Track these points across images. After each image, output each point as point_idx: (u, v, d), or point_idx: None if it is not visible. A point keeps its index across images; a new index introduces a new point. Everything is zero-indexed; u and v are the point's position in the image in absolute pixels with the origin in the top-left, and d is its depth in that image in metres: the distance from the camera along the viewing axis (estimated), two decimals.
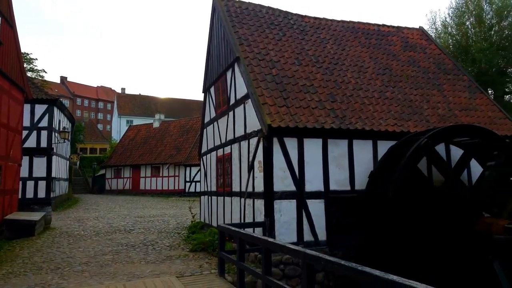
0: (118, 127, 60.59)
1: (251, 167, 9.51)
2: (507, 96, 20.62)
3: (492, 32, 20.39)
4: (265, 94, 9.34)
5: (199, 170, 16.80)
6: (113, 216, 18.49)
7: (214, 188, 12.93)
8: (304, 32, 12.26)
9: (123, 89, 79.45)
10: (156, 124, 39.84)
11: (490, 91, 19.39)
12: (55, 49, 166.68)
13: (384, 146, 9.72)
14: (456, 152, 10.31)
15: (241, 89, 10.30)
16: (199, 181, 17.12)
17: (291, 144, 8.92)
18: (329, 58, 11.54)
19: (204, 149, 14.87)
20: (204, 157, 14.73)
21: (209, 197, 13.46)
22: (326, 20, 13.48)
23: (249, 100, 9.64)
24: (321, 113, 9.48)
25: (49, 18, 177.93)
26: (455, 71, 13.57)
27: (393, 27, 14.63)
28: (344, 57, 11.91)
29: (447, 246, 8.58)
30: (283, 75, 10.12)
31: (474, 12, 21.43)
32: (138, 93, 71.57)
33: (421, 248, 8.71)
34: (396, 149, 9.31)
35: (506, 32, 20.10)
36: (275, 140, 8.78)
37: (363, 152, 9.67)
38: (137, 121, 54.84)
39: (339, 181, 9.27)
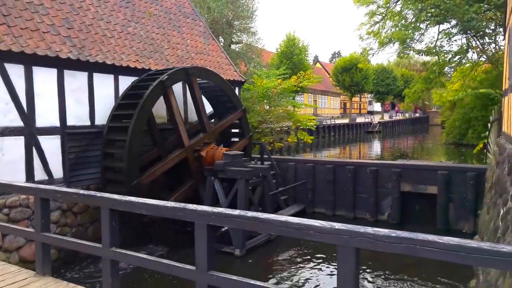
0: None
1: None
2: (233, 46, 24.36)
3: None
4: None
5: None
6: None
7: None
8: None
9: None
10: None
11: (221, 39, 22.28)
12: None
13: (126, 81, 9.73)
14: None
15: None
16: None
17: (16, 72, 7.58)
18: None
19: None
20: None
21: None
22: None
23: None
24: (55, 39, 8.40)
25: None
26: (194, 16, 14.72)
27: None
28: None
29: (181, 174, 9.80)
30: None
31: None
32: None
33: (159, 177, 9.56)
34: (137, 85, 9.50)
35: None
36: None
37: (105, 86, 9.37)
38: None
39: (78, 116, 8.72)
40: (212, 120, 11.86)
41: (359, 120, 50.43)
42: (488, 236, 5.85)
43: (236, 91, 13.56)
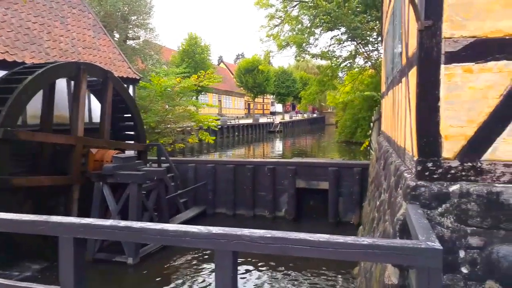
0: None
1: None
2: (130, 42, 23.02)
3: None
4: None
5: None
6: None
7: None
8: None
9: None
10: None
11: (115, 34, 20.85)
12: None
13: None
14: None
15: None
16: None
17: None
18: None
19: None
20: None
21: None
22: None
23: None
24: None
25: None
26: (81, 7, 13.45)
27: None
28: None
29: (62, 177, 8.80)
30: None
31: None
32: None
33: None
34: (7, 81, 8.24)
35: None
36: None
37: None
38: None
39: None
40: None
41: (262, 120, 52.09)
42: (368, 226, 6.33)
43: (130, 90, 12.76)
